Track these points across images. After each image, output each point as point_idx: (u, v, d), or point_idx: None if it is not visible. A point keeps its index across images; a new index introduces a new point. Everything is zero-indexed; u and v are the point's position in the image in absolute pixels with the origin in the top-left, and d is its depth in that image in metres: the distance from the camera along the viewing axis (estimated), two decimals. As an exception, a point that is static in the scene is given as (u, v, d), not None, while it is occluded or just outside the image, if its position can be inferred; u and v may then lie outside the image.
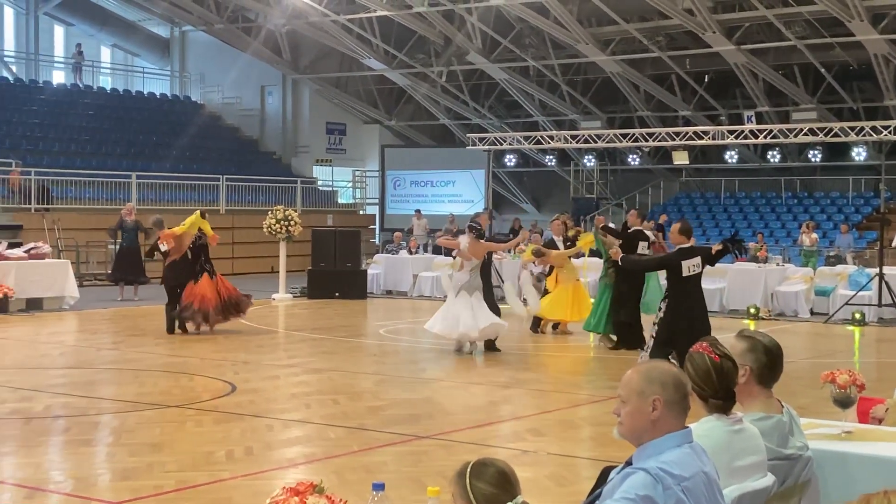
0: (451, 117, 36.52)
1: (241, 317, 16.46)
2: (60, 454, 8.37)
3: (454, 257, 15.09)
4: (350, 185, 36.70)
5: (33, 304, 19.21)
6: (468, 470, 3.25)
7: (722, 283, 20.41)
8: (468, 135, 29.29)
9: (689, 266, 11.23)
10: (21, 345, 15.14)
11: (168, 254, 15.89)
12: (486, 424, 9.61)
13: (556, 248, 16.54)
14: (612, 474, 3.50)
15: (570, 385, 12.03)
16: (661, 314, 11.34)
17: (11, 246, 20.23)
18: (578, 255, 18.22)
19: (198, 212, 16.24)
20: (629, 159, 33.95)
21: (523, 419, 9.88)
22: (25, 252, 19.75)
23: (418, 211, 32.13)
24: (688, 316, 11.15)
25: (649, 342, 11.48)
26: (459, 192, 34.54)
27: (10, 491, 7.08)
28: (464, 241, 14.06)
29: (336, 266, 22.43)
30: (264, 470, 7.71)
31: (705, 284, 20.27)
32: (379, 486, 3.29)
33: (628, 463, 3.44)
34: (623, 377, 3.51)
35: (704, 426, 3.93)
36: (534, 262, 17.11)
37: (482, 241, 14.31)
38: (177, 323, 15.89)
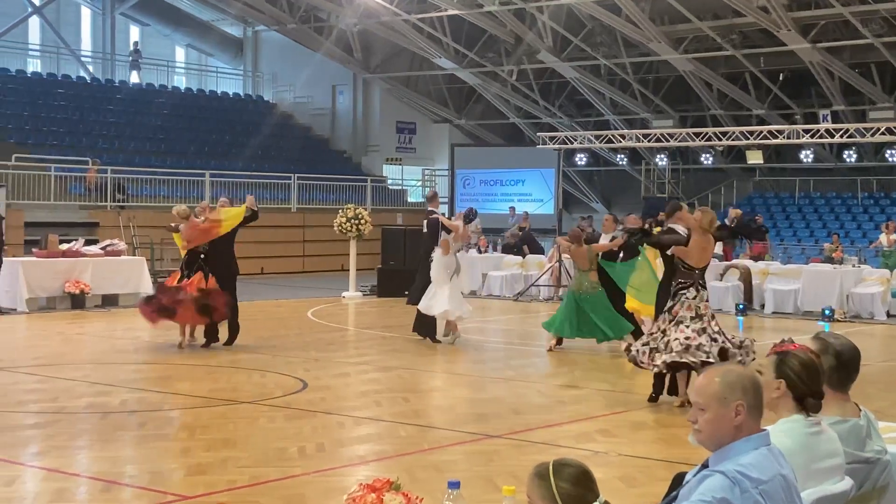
0: (522, 116, 36.45)
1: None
2: (136, 448, 8.50)
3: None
4: (420, 183, 36.81)
5: (109, 301, 19.56)
6: (551, 470, 3.22)
7: (796, 284, 20.13)
8: (538, 133, 29.18)
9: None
10: (97, 340, 15.43)
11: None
12: (555, 424, 9.58)
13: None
14: (688, 476, 3.47)
15: (640, 386, 11.92)
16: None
17: (88, 243, 20.65)
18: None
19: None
20: (702, 158, 33.61)
21: (593, 419, 9.84)
22: (102, 249, 20.13)
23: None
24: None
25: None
26: (529, 191, 34.42)
27: (86, 484, 7.22)
28: (461, 225, 15.04)
29: (406, 265, 22.49)
30: (336, 467, 7.78)
31: (779, 285, 20.21)
32: (454, 485, 3.31)
33: (704, 465, 3.41)
34: (698, 384, 3.45)
35: (783, 427, 3.88)
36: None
37: None
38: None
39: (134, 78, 36.80)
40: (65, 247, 19.69)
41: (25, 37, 35.57)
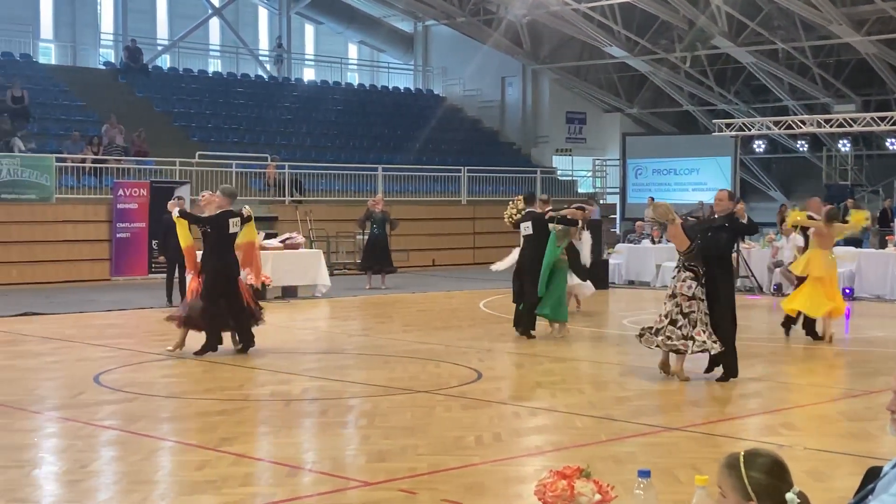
0: (695, 103, 35.76)
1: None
2: (318, 435, 8.73)
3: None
4: (590, 174, 36.56)
5: (289, 292, 20.14)
6: (741, 460, 3.14)
7: None
8: (714, 120, 28.60)
9: None
10: (278, 330, 15.87)
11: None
12: (736, 417, 9.39)
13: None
14: (885, 468, 3.34)
15: (824, 378, 11.58)
16: (698, 295, 10.80)
17: (268, 236, 21.27)
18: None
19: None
20: (887, 143, 32.29)
21: (775, 413, 9.59)
22: (281, 242, 20.74)
23: (651, 198, 31.52)
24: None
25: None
26: (704, 180, 33.73)
27: (271, 469, 7.44)
28: None
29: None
30: (513, 456, 7.81)
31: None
32: (645, 474, 3.27)
33: (904, 457, 3.28)
34: None
35: None
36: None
37: None
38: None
39: (309, 75, 37.70)
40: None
41: (206, 38, 36.89)
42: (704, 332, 10.75)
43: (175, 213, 13.07)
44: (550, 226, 14.42)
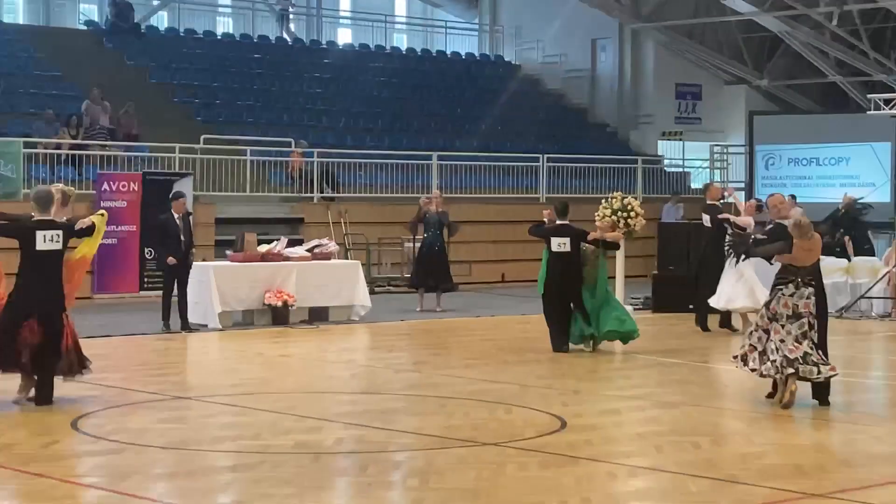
0: (845, 73, 35.43)
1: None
2: (357, 498, 8.74)
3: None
4: (707, 164, 36.35)
5: (317, 315, 20.21)
6: None
7: None
8: (869, 96, 28.32)
9: None
10: (305, 364, 15.98)
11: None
12: (899, 482, 9.29)
13: None
14: None
15: None
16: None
17: (292, 244, 21.32)
18: None
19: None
20: None
21: (953, 476, 9.49)
22: (308, 251, 20.81)
23: (792, 196, 31.22)
24: None
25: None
26: (855, 173, 33.39)
27: (297, 541, 7.49)
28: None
29: (690, 270, 22.24)
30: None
31: None
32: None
33: None
34: None
35: None
36: None
37: None
38: None
39: (345, 37, 37.89)
40: (264, 248, 20.45)
41: (215, -9, 37.25)
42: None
43: None
44: (584, 245, 16.51)
